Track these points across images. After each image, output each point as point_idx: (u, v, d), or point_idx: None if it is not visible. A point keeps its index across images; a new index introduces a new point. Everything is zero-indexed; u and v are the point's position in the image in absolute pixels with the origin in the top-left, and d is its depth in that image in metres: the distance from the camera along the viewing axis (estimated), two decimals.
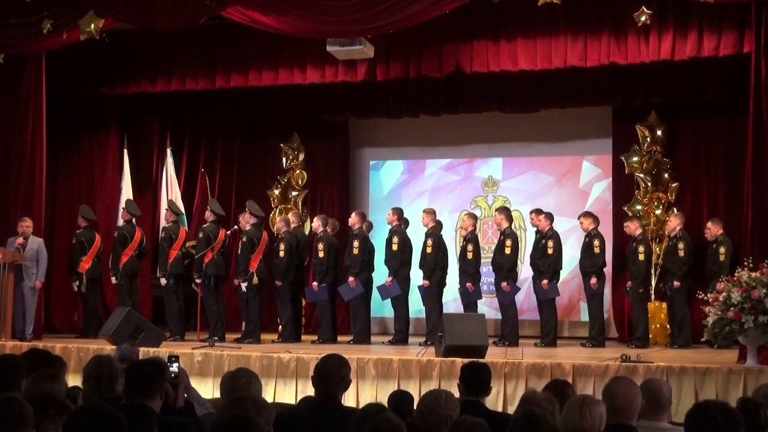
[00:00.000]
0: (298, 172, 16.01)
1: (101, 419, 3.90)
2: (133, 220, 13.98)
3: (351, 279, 13.19)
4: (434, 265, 13.12)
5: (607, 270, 13.79)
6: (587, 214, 13.23)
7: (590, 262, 12.90)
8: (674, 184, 14.02)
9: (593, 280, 12.80)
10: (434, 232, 13.30)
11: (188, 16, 12.30)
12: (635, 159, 14.07)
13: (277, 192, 15.98)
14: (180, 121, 16.37)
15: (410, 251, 13.39)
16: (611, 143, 14.64)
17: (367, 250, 13.45)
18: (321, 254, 13.35)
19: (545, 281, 12.85)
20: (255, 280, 13.30)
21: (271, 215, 15.64)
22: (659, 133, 14.04)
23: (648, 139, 14.02)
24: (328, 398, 5.46)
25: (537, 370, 9.90)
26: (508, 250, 12.97)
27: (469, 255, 13.12)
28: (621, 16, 11.63)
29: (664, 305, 13.12)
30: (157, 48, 13.63)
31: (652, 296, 13.28)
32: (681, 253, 12.73)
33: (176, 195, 15.43)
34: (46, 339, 12.82)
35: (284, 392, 10.56)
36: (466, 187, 15.72)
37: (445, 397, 5.01)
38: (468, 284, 13.08)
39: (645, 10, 11.04)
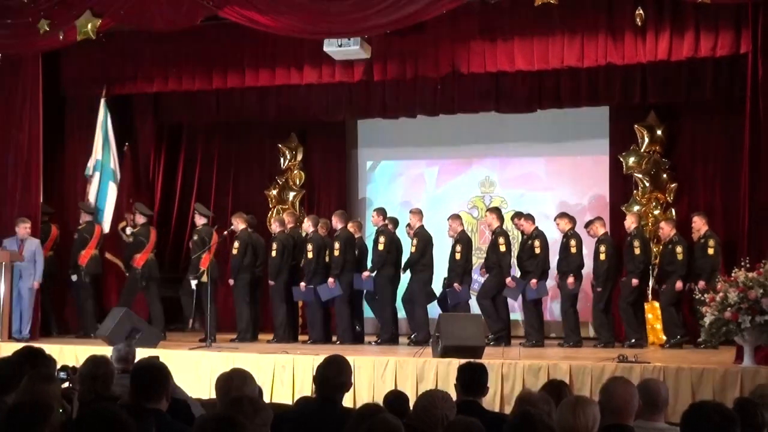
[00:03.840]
0: (296, 172, 16.00)
1: (109, 423, 3.87)
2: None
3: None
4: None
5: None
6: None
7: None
8: (672, 185, 14.02)
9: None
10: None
11: (185, 16, 12.30)
12: (633, 159, 14.06)
13: (274, 192, 15.97)
14: (177, 121, 16.35)
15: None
16: (608, 143, 14.64)
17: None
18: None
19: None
20: (204, 278, 13.44)
21: (268, 216, 15.63)
22: (659, 133, 14.03)
23: (647, 139, 14.01)
24: (326, 400, 5.46)
25: (534, 370, 9.90)
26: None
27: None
28: (617, 17, 11.64)
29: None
30: (154, 48, 13.63)
31: (650, 296, 13.26)
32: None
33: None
34: (43, 339, 12.79)
35: (281, 393, 10.55)
36: (463, 188, 15.70)
37: (441, 397, 5.02)
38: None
39: (640, 12, 11.02)
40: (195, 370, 11.06)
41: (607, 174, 14.67)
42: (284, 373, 10.66)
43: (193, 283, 13.56)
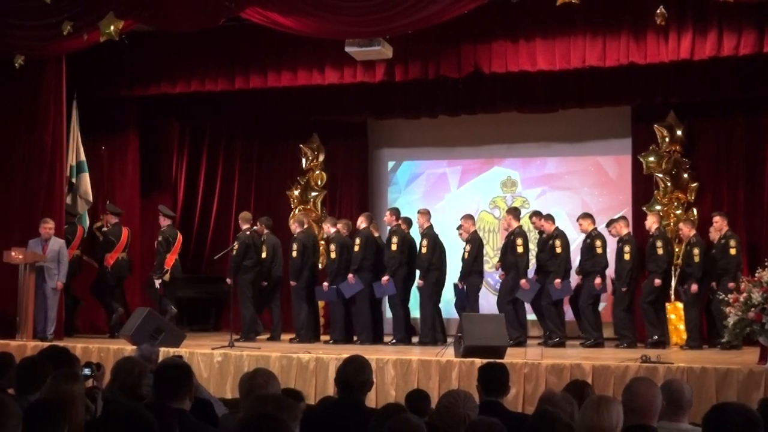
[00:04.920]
0: (317, 172, 16.02)
1: (131, 420, 3.90)
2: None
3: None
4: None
5: None
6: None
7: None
8: (693, 184, 13.96)
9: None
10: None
11: (207, 17, 12.33)
12: (652, 159, 14.01)
13: (296, 192, 15.99)
14: (199, 121, 16.42)
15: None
16: (630, 143, 14.60)
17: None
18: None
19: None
20: (167, 276, 13.91)
21: (290, 215, 15.66)
22: (679, 133, 13.98)
23: (666, 139, 13.96)
24: (349, 400, 5.47)
25: (556, 370, 9.89)
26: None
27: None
28: (640, 16, 11.60)
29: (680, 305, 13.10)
30: (177, 49, 13.69)
31: (672, 297, 13.22)
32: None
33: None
34: (67, 339, 12.87)
35: (303, 393, 10.52)
36: (485, 188, 15.70)
37: (463, 397, 5.01)
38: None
39: (662, 11, 10.97)
40: (218, 369, 11.11)
41: (629, 174, 14.63)
42: (307, 374, 10.67)
43: (157, 282, 13.91)
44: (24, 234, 13.13)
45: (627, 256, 12.72)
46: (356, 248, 13.25)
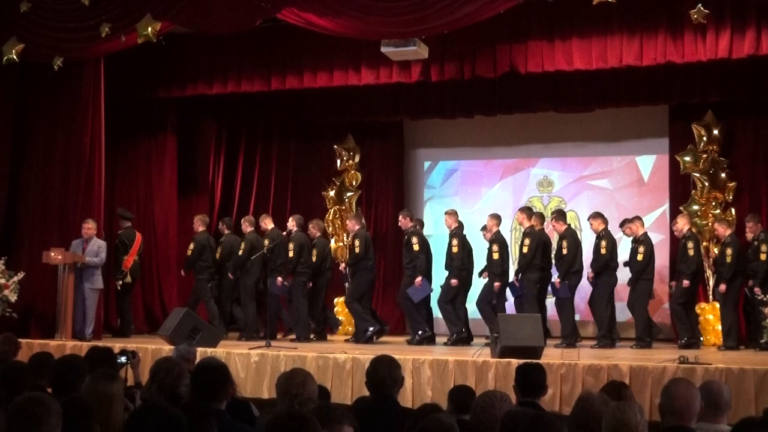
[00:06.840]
0: (352, 172, 16.05)
1: (162, 418, 3.95)
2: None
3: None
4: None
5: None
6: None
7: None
8: (731, 184, 13.85)
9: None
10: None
11: (244, 18, 12.40)
12: (689, 158, 13.92)
13: (332, 193, 16.02)
14: (236, 122, 16.48)
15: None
16: (668, 143, 14.52)
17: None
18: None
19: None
20: (128, 278, 14.02)
21: (326, 216, 15.69)
22: (716, 132, 13.87)
23: (704, 138, 13.86)
24: (384, 399, 5.48)
25: (593, 371, 9.85)
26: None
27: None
28: (677, 15, 11.52)
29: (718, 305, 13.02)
30: (213, 50, 13.76)
31: (711, 297, 13.13)
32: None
33: None
34: (105, 339, 12.96)
35: (340, 393, 10.58)
36: (521, 188, 15.66)
37: (499, 398, 5.01)
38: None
39: (701, 8, 10.90)
40: (255, 369, 11.16)
41: (667, 174, 14.55)
42: (343, 374, 10.69)
43: (118, 284, 14.04)
44: (63, 235, 13.25)
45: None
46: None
